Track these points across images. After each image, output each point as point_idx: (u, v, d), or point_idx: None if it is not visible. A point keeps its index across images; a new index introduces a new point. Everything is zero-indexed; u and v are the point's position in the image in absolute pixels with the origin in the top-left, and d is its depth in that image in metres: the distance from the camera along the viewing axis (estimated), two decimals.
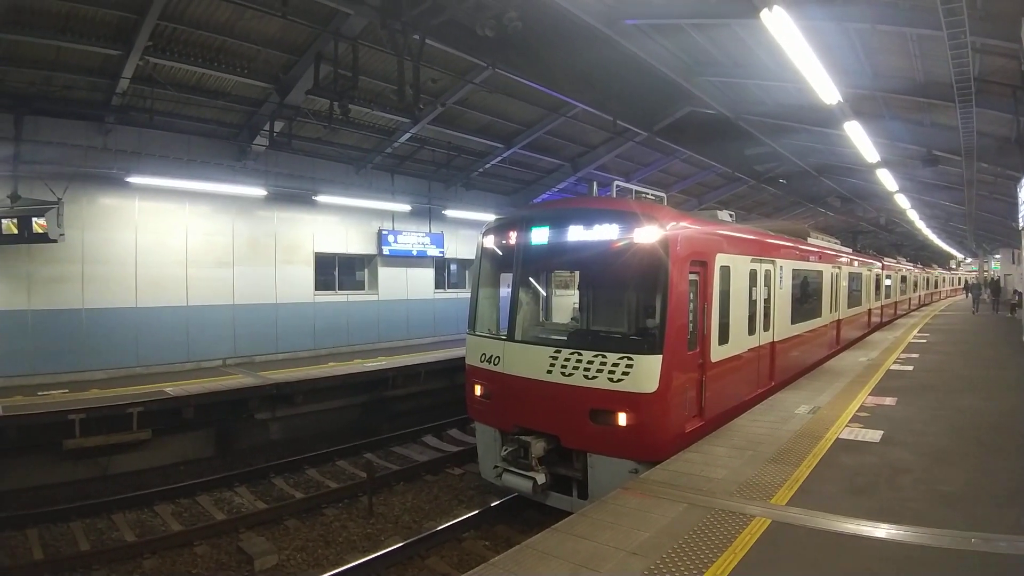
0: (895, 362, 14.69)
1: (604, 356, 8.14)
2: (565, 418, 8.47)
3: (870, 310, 23.04)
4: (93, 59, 12.18)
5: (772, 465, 7.14)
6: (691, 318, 8.65)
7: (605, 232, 8.57)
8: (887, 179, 19.89)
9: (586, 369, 8.24)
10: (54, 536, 9.31)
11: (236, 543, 9.11)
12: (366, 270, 20.77)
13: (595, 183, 11.34)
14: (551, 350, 8.72)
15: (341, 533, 9.66)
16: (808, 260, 14.51)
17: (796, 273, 13.34)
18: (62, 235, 12.77)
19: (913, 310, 37.13)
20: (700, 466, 7.20)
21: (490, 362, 9.51)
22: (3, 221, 12.11)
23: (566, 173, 22.66)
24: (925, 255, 58.24)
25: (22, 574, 8.08)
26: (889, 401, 10.32)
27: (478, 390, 9.86)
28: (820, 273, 15.47)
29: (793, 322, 13.00)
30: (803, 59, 9.22)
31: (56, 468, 11.29)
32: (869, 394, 10.91)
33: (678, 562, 4.84)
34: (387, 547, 8.72)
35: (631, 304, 9.23)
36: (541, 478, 8.56)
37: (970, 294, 40.43)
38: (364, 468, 11.15)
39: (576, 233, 8.89)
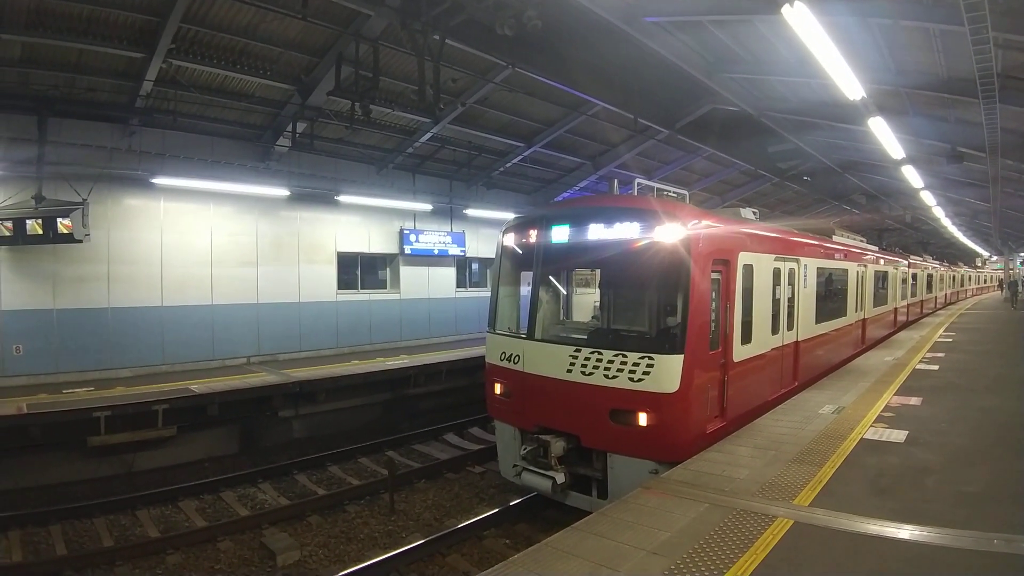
0: (921, 361, 14.49)
1: (624, 355, 8.07)
2: (585, 417, 8.41)
3: (896, 309, 22.68)
4: (116, 62, 12.32)
5: (795, 465, 7.08)
6: (713, 317, 8.54)
7: (626, 230, 8.49)
8: (912, 176, 19.60)
9: (606, 368, 8.18)
10: (77, 532, 9.45)
11: (259, 539, 9.23)
12: (388, 269, 20.88)
13: (616, 181, 11.27)
14: (571, 349, 8.66)
15: (363, 530, 9.75)
16: (833, 258, 14.30)
17: (821, 271, 13.14)
18: (87, 235, 12.92)
19: (939, 308, 36.63)
20: (722, 466, 7.16)
21: (510, 360, 9.48)
22: (28, 222, 12.25)
23: (587, 172, 22.63)
24: (951, 253, 57.46)
25: (45, 570, 8.16)
26: (914, 401, 10.19)
27: (498, 388, 9.84)
28: (845, 271, 15.28)
29: (817, 321, 12.81)
30: (826, 55, 9.13)
31: (80, 465, 11.45)
32: (894, 394, 10.77)
33: (699, 562, 4.82)
34: (408, 544, 8.77)
35: (652, 303, 8.99)
36: (560, 477, 8.54)
37: (1008, 290, 42.32)
38: (386, 465, 11.21)
39: (596, 231, 8.81)
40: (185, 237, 15.34)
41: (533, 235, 9.65)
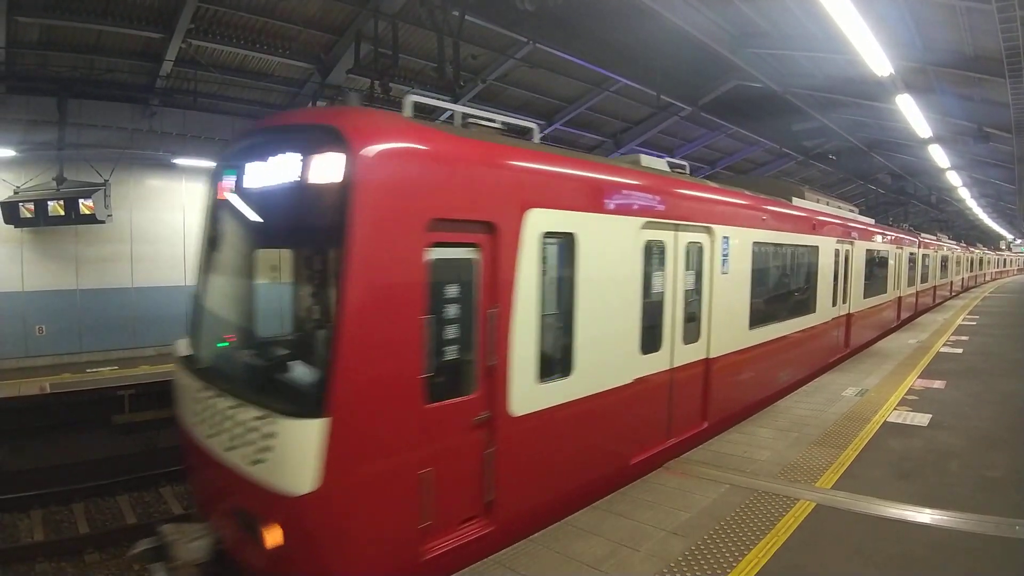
0: (945, 344, 14.34)
1: (241, 408, 4.40)
2: (220, 511, 5.06)
3: (900, 299, 19.39)
4: (135, 42, 12.37)
5: (817, 448, 7.04)
6: (453, 335, 4.75)
7: (282, 170, 4.64)
8: (939, 155, 19.24)
9: (226, 430, 4.54)
10: (100, 510, 9.55)
11: None
12: None
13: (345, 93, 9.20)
14: (202, 387, 5.04)
15: None
16: (789, 231, 10.32)
17: (764, 250, 9.35)
18: (110, 216, 13.06)
19: (960, 292, 36.05)
20: (743, 447, 7.12)
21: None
22: (49, 203, 12.36)
23: (608, 149, 22.42)
24: (975, 235, 56.78)
25: (68, 548, 8.20)
26: (938, 384, 10.10)
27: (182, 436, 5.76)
28: (814, 251, 11.49)
29: (754, 325, 9.00)
30: (854, 29, 8.90)
31: (104, 443, 11.51)
32: (918, 377, 10.68)
33: (719, 543, 4.81)
34: None
35: (287, 308, 5.89)
36: None
37: None
38: None
39: (256, 175, 5.03)
40: None
41: (212, 189, 5.73)
